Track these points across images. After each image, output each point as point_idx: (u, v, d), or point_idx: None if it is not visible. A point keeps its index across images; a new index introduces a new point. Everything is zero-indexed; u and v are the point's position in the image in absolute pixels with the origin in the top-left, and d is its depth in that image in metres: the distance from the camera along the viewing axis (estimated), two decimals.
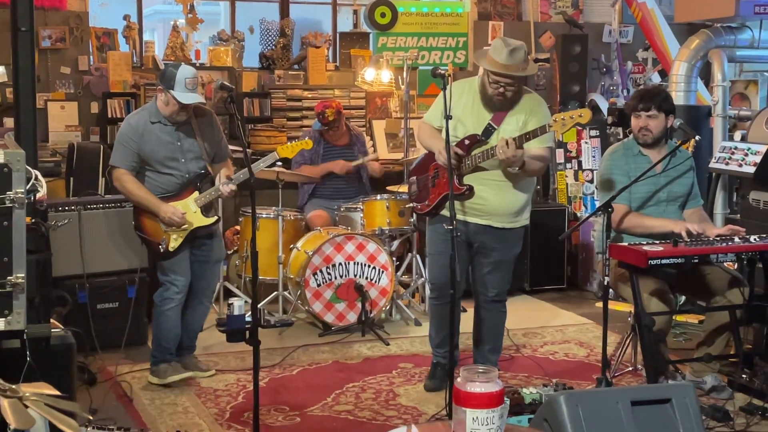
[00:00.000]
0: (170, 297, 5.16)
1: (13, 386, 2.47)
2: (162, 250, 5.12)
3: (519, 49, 4.66)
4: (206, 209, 5.17)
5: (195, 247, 5.22)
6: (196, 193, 5.14)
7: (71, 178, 6.84)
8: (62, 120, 7.74)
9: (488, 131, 4.76)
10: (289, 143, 5.68)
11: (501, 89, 4.68)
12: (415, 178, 5.11)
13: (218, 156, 5.30)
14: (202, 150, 5.16)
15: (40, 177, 4.61)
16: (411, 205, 5.18)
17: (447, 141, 4.50)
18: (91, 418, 4.32)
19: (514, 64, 4.64)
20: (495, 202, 4.81)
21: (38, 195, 4.34)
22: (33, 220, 4.18)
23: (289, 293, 6.48)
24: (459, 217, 4.67)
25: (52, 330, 4.06)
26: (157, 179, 5.12)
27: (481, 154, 4.72)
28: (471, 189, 4.76)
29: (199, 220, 5.14)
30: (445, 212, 4.79)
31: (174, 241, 5.10)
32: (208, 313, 5.55)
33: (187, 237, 5.13)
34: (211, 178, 5.23)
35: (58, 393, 2.52)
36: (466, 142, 4.75)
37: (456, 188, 4.72)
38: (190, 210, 5.11)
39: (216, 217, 5.26)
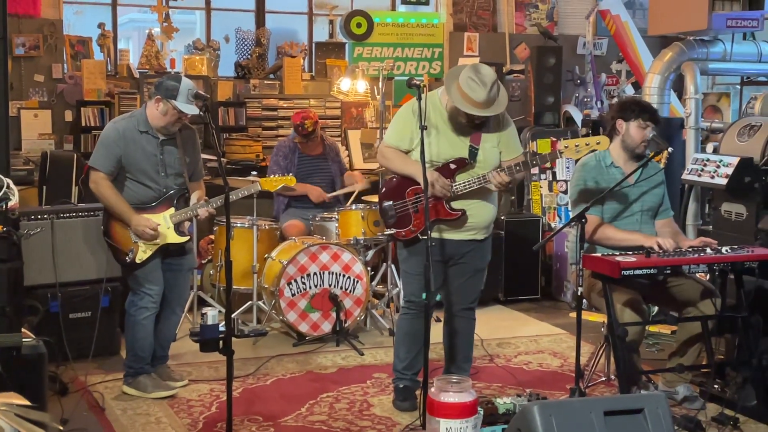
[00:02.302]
0: (145, 306, 5.11)
1: None
2: (128, 260, 5.06)
3: (494, 83, 4.51)
4: (179, 227, 5.13)
5: (166, 257, 5.17)
6: (171, 210, 5.10)
7: (44, 187, 6.79)
8: (35, 128, 7.70)
9: (472, 153, 4.73)
10: (272, 177, 5.80)
11: (476, 121, 4.65)
12: (390, 203, 4.85)
13: (194, 175, 5.25)
14: (183, 167, 5.12)
15: (12, 185, 4.58)
16: (390, 231, 4.90)
17: (422, 152, 4.44)
18: (62, 428, 4.29)
19: (493, 104, 4.55)
20: (479, 217, 4.82)
21: (10, 203, 4.32)
22: (4, 229, 4.16)
23: (264, 303, 6.46)
24: (445, 235, 4.72)
25: (23, 339, 4.04)
26: (135, 189, 5.06)
27: (469, 182, 4.69)
28: (464, 212, 4.75)
29: (171, 236, 5.10)
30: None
31: (142, 253, 5.04)
32: (180, 322, 5.53)
33: (157, 252, 5.09)
34: (187, 197, 5.18)
35: (28, 403, 2.50)
36: (452, 166, 4.68)
37: (449, 213, 4.74)
38: (163, 225, 5.06)
39: (188, 237, 5.22)
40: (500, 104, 4.62)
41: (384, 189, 4.94)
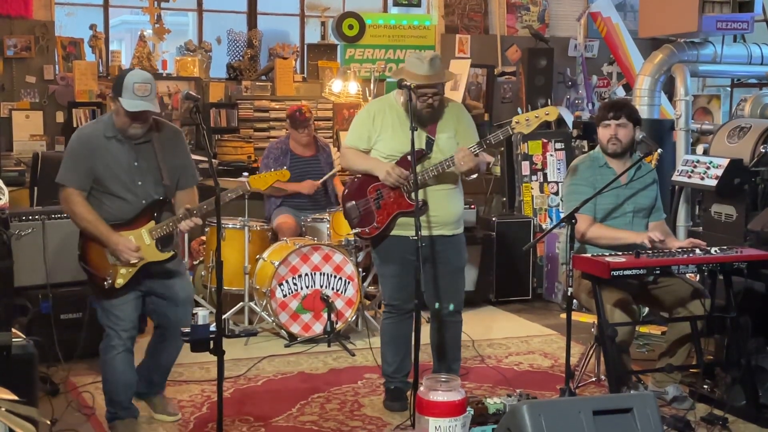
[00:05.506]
0: (112, 345, 4.45)
1: None
2: (107, 287, 4.41)
3: (435, 58, 4.73)
4: (163, 242, 4.46)
5: (151, 284, 4.52)
6: (152, 223, 4.43)
7: (35, 188, 6.77)
8: (27, 129, 7.69)
9: (429, 144, 4.81)
10: (263, 173, 4.96)
11: (429, 100, 4.73)
12: (353, 203, 4.91)
13: (182, 182, 4.59)
14: (163, 173, 4.46)
15: (2, 186, 4.58)
16: (355, 230, 4.98)
17: (413, 151, 4.50)
18: (49, 422, 4.29)
19: (436, 74, 4.72)
20: (442, 211, 4.85)
21: (0, 204, 4.31)
22: None
23: (256, 304, 6.46)
24: (410, 233, 4.68)
25: (14, 339, 4.04)
26: (110, 203, 4.42)
27: (433, 167, 4.74)
28: (426, 203, 4.79)
29: (152, 254, 4.43)
30: (396, 232, 4.84)
31: (121, 277, 4.40)
32: (181, 348, 4.76)
33: (138, 275, 4.44)
34: (171, 207, 4.52)
35: (15, 398, 2.50)
36: (409, 158, 4.69)
37: (410, 205, 4.75)
38: (143, 242, 4.40)
39: (172, 253, 4.51)
40: (444, 75, 4.85)
41: (346, 191, 5.02)
